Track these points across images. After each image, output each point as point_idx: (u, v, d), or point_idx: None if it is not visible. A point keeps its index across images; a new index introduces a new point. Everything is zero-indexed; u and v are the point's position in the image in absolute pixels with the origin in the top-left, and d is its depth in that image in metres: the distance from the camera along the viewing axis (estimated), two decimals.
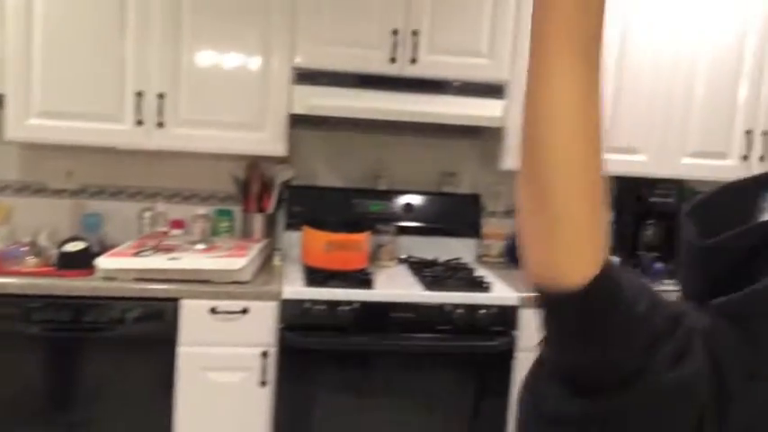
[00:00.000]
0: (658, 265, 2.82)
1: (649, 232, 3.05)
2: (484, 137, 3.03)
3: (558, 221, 0.57)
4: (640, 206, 3.06)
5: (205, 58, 2.60)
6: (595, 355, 0.59)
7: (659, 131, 2.85)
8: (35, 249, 2.54)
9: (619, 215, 3.11)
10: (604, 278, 0.57)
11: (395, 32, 2.64)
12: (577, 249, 0.57)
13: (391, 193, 3.06)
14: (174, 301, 2.40)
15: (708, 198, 0.73)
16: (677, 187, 3.06)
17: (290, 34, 2.61)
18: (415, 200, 3.06)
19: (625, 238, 3.07)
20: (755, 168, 2.92)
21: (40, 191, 2.93)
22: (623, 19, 2.78)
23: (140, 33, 2.54)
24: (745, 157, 2.90)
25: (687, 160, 2.88)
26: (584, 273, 0.56)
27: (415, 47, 2.67)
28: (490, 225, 3.13)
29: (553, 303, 0.60)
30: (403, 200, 3.04)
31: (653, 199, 3.03)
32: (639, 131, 2.84)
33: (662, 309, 0.60)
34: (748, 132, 2.89)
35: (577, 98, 0.56)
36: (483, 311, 2.52)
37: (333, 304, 2.46)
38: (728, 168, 2.89)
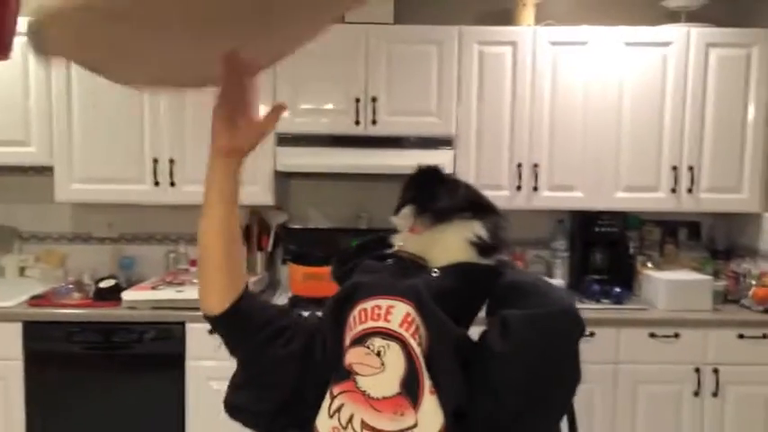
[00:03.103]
0: (596, 287, 3.23)
1: (597, 258, 3.46)
2: None
3: (204, 280, 1.14)
4: (589, 235, 3.47)
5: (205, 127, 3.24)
6: (243, 349, 1.16)
7: (592, 170, 3.28)
8: (79, 286, 3.22)
9: (572, 244, 3.55)
10: (234, 307, 1.12)
11: (357, 100, 3.22)
12: (214, 295, 1.14)
13: (370, 231, 3.60)
14: (181, 324, 3.02)
15: (345, 251, 1.32)
16: (620, 217, 3.46)
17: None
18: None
19: (575, 264, 3.50)
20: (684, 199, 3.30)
21: (87, 239, 3.64)
22: (552, 69, 3.25)
23: (153, 110, 3.23)
24: (674, 190, 3.30)
25: (621, 194, 3.29)
26: (221, 306, 1.13)
27: (375, 110, 3.23)
28: None
29: (210, 323, 1.16)
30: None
31: (598, 229, 3.44)
32: (575, 170, 3.28)
33: (282, 317, 1.16)
34: (674, 168, 3.29)
35: (220, 221, 1.15)
36: None
37: None
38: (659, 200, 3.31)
